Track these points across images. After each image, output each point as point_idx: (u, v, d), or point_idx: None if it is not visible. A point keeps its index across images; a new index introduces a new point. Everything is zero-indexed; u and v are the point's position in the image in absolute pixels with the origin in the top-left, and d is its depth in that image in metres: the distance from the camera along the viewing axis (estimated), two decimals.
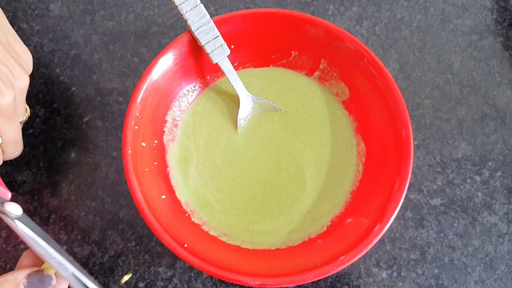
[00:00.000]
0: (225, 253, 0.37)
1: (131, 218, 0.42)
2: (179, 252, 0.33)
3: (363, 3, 0.50)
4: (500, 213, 0.43)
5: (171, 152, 0.42)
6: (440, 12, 0.50)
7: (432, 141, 0.45)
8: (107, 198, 0.43)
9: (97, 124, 0.46)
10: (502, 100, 0.47)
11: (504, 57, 0.48)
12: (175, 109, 0.42)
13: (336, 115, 0.43)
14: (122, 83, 0.47)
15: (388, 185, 0.36)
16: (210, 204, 0.40)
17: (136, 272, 0.41)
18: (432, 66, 0.48)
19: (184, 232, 0.36)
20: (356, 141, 0.42)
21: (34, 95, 0.47)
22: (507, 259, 0.41)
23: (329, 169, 0.42)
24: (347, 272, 0.41)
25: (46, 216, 0.43)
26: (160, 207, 0.37)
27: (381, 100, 0.39)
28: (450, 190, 0.44)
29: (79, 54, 0.48)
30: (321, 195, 0.41)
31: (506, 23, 0.50)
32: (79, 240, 0.42)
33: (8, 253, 0.42)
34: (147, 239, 0.42)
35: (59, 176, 0.44)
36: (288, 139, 0.43)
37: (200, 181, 0.41)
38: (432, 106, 0.46)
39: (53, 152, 0.45)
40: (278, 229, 0.40)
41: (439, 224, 0.42)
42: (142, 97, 0.38)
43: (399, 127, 0.37)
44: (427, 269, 0.41)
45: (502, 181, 0.44)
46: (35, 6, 0.50)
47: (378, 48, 0.49)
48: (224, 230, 0.39)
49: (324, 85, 0.44)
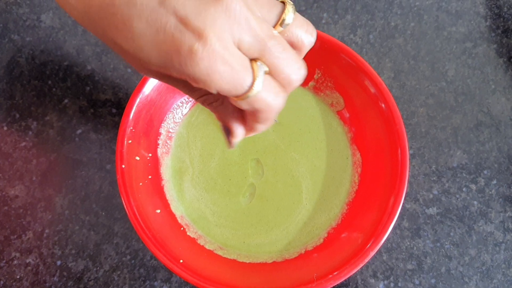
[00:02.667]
0: (221, 267, 0.37)
1: (125, 231, 0.42)
2: (174, 269, 0.33)
3: (357, 12, 0.50)
4: (496, 222, 0.43)
5: (166, 165, 0.41)
6: (434, 19, 0.50)
7: (428, 150, 0.45)
8: (101, 211, 0.43)
9: (90, 136, 0.45)
10: (497, 108, 0.47)
11: (498, 64, 0.48)
12: (169, 121, 0.42)
13: (331, 125, 0.43)
14: (115, 95, 0.47)
15: (384, 198, 0.36)
16: (206, 217, 0.40)
17: (132, 286, 0.40)
18: (426, 74, 0.48)
19: (179, 247, 0.36)
20: (351, 151, 0.42)
21: (26, 108, 0.46)
22: (503, 268, 0.41)
23: (325, 180, 0.41)
24: (344, 284, 0.41)
25: (39, 231, 0.42)
26: (155, 222, 0.36)
27: (376, 110, 0.39)
28: (446, 199, 0.44)
29: (72, 66, 0.48)
30: (317, 206, 0.40)
31: (500, 30, 0.50)
32: (74, 254, 0.41)
33: (1, 269, 0.41)
34: (142, 253, 0.41)
35: (52, 190, 0.43)
36: (284, 150, 0.42)
37: (195, 194, 0.41)
38: (427, 114, 0.46)
39: (46, 166, 0.44)
40: (275, 242, 0.39)
41: (436, 233, 0.42)
42: (135, 110, 0.37)
43: (395, 137, 0.37)
44: (424, 279, 0.41)
45: (498, 190, 0.44)
46: (26, 17, 0.49)
47: (373, 57, 0.48)
48: (220, 244, 0.39)
49: (318, 95, 0.44)
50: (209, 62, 0.20)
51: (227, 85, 0.21)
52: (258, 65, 0.22)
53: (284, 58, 0.22)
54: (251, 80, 0.21)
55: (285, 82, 0.23)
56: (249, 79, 0.21)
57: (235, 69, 0.21)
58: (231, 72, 0.21)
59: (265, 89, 0.22)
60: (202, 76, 0.20)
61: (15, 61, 0.48)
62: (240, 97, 0.22)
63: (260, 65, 0.22)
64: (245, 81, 0.21)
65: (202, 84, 0.21)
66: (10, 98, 0.46)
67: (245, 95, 0.22)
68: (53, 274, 0.41)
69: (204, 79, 0.21)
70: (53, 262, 0.41)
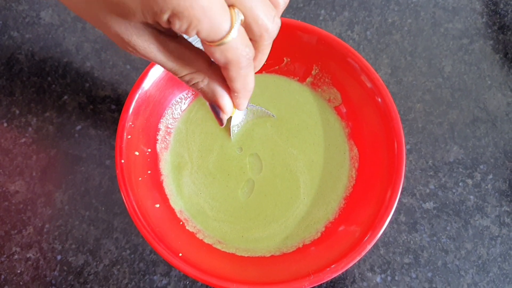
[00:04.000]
0: (220, 261, 0.37)
1: (125, 226, 0.42)
2: (173, 262, 0.33)
3: (354, 8, 0.51)
4: (492, 216, 0.43)
5: (165, 160, 0.42)
6: (431, 16, 0.50)
7: (424, 145, 0.46)
8: (101, 207, 0.43)
9: (90, 132, 0.46)
10: (493, 103, 0.47)
11: (494, 60, 0.49)
12: (168, 117, 0.42)
13: (328, 120, 0.43)
14: (115, 91, 0.47)
15: (381, 192, 0.36)
16: (204, 211, 0.40)
17: (131, 280, 0.41)
18: (423, 70, 0.48)
19: (178, 241, 0.37)
20: (349, 146, 0.42)
21: (26, 104, 0.46)
22: (499, 261, 0.42)
23: (322, 174, 0.42)
24: (342, 278, 0.41)
25: (40, 226, 0.42)
26: (154, 216, 0.37)
27: (373, 106, 0.40)
28: (442, 193, 0.44)
29: (71, 62, 0.48)
30: (315, 201, 0.41)
31: (496, 26, 0.50)
32: (74, 249, 0.42)
33: (2, 263, 0.41)
34: (141, 248, 0.42)
35: (52, 186, 0.44)
36: (281, 145, 0.43)
37: (194, 189, 0.41)
38: (424, 110, 0.47)
39: (46, 161, 0.44)
40: (273, 236, 0.40)
41: (432, 227, 0.43)
42: (135, 106, 0.38)
43: (391, 133, 0.37)
44: (421, 273, 0.41)
45: (494, 184, 0.44)
46: (26, 14, 0.50)
47: (370, 53, 0.49)
48: (218, 238, 0.40)
49: (316, 91, 0.44)
50: None
51: (208, 23, 0.21)
52: (236, 12, 0.22)
53: (261, 6, 0.23)
54: (229, 25, 0.22)
55: (261, 31, 0.24)
56: (227, 24, 0.22)
57: (216, 8, 0.21)
58: (212, 8, 0.21)
59: (239, 38, 0.23)
60: (186, 10, 0.21)
61: (14, 58, 0.48)
62: (215, 43, 0.22)
63: (237, 12, 0.22)
64: (223, 25, 0.22)
65: (185, 20, 0.21)
66: (10, 95, 0.47)
67: (221, 41, 0.22)
68: (53, 269, 0.41)
69: (187, 14, 0.21)
70: (53, 256, 0.42)
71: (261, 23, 0.23)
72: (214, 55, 0.24)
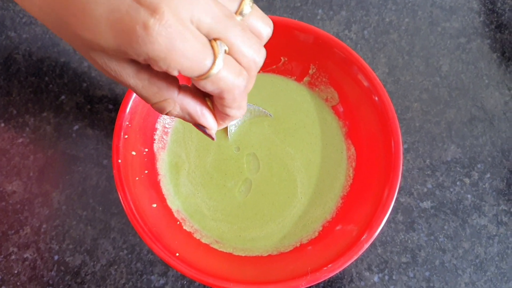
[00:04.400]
0: (217, 260, 0.37)
1: (122, 226, 0.42)
2: (170, 262, 0.33)
3: (351, 7, 0.51)
4: (489, 215, 0.43)
5: (162, 160, 0.42)
6: (428, 15, 0.50)
7: (422, 144, 0.46)
8: (98, 207, 0.43)
9: (87, 132, 0.45)
10: (490, 102, 0.47)
11: (491, 59, 0.49)
12: (165, 116, 0.42)
13: (326, 120, 0.43)
14: (112, 91, 0.47)
15: (378, 191, 0.36)
16: (202, 211, 0.40)
17: (129, 280, 0.41)
18: (420, 69, 0.48)
19: (175, 241, 0.37)
20: (346, 145, 0.42)
21: (23, 104, 0.46)
22: (497, 260, 0.42)
23: (319, 174, 0.42)
24: (339, 277, 0.41)
25: (37, 226, 0.42)
26: (151, 216, 0.37)
27: (369, 104, 0.40)
28: (440, 193, 0.44)
29: (68, 62, 0.48)
30: (312, 200, 0.41)
31: (493, 25, 0.50)
32: (71, 249, 0.42)
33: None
34: (139, 248, 0.42)
35: (50, 186, 0.44)
36: (279, 145, 0.43)
37: (191, 189, 0.41)
38: (421, 109, 0.47)
39: (43, 161, 0.44)
40: (270, 235, 0.40)
41: (430, 227, 0.43)
42: (132, 106, 0.38)
43: (389, 132, 0.37)
44: (418, 272, 0.41)
45: (491, 183, 0.44)
46: (23, 14, 0.50)
47: (367, 52, 0.49)
48: (215, 238, 0.40)
49: (313, 90, 0.44)
50: (167, 38, 0.20)
51: (188, 62, 0.21)
52: (218, 44, 0.22)
53: (245, 39, 0.23)
54: (212, 58, 0.21)
55: (249, 64, 0.23)
56: (210, 57, 0.21)
57: (195, 47, 0.21)
58: (191, 49, 0.21)
59: (227, 67, 0.22)
60: (162, 53, 0.20)
61: (12, 58, 0.48)
62: (202, 77, 0.22)
63: (220, 43, 0.22)
64: (205, 59, 0.21)
65: (163, 63, 0.21)
66: (7, 95, 0.47)
67: (207, 74, 0.22)
68: (50, 269, 0.41)
69: (164, 57, 0.20)
70: (51, 257, 0.42)
71: (248, 55, 0.23)
72: (206, 88, 0.23)
